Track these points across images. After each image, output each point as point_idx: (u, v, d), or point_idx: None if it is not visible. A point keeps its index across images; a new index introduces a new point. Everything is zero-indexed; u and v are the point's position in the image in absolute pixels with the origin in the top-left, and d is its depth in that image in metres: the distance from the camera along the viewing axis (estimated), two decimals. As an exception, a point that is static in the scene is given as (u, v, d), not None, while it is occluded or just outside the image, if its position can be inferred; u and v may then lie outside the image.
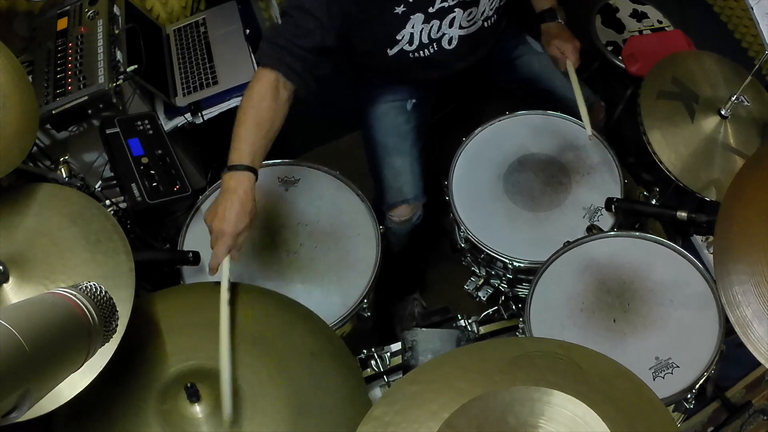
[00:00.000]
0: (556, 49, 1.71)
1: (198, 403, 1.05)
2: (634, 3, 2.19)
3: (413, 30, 1.53)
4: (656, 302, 1.31)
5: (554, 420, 0.81)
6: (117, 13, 1.93)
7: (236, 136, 1.30)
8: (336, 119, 2.32)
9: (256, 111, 1.31)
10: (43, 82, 1.75)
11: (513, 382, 0.85)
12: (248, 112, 1.31)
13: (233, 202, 1.24)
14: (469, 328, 1.47)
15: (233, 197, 1.24)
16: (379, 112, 1.72)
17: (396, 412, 0.85)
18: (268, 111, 1.32)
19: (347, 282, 1.43)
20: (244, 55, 2.03)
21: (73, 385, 1.00)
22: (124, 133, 1.58)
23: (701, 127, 1.46)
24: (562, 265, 1.40)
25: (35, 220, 1.18)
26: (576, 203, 1.55)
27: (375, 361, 1.42)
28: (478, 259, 1.62)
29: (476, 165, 1.64)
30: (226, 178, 1.27)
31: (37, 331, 0.66)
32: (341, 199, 1.55)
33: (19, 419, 0.64)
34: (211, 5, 2.21)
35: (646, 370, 1.23)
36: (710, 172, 1.43)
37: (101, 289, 0.79)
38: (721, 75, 1.54)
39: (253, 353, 1.14)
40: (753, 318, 0.95)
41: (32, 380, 0.64)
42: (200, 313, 1.22)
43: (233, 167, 1.27)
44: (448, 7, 1.52)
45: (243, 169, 1.27)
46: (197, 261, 1.39)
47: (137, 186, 1.49)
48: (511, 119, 1.70)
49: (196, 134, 2.02)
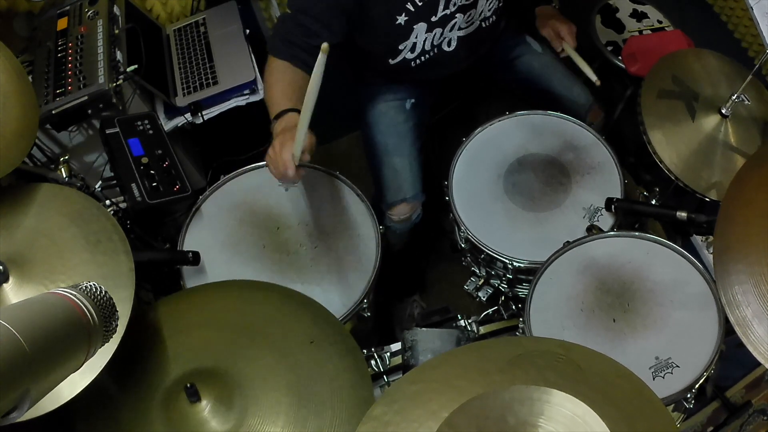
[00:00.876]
0: (550, 30, 1.71)
1: (199, 403, 1.05)
2: (634, 3, 2.19)
3: (416, 40, 1.54)
4: (656, 302, 1.31)
5: (554, 419, 0.81)
6: (117, 13, 1.93)
7: (272, 95, 1.37)
8: (336, 119, 2.31)
9: (286, 74, 1.38)
10: (43, 82, 1.75)
11: (513, 382, 0.85)
12: (278, 77, 1.38)
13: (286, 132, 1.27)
14: (469, 328, 1.47)
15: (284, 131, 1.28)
16: (378, 111, 1.72)
17: (396, 412, 0.85)
18: (298, 73, 1.38)
19: (347, 282, 1.43)
20: (244, 55, 2.03)
21: (73, 385, 1.00)
22: (124, 133, 1.58)
23: (702, 126, 1.46)
24: (562, 265, 1.40)
25: (35, 220, 1.18)
26: (576, 203, 1.55)
27: (375, 361, 1.42)
28: (478, 259, 1.62)
29: (476, 165, 1.64)
30: (275, 126, 1.31)
31: (37, 331, 0.66)
32: (341, 199, 1.55)
33: (18, 419, 0.64)
34: (211, 5, 2.21)
35: (645, 369, 1.23)
36: (710, 172, 1.43)
37: (101, 289, 0.79)
38: (721, 74, 1.54)
39: (253, 346, 1.14)
40: (753, 318, 0.95)
41: (32, 380, 0.64)
42: (203, 314, 1.22)
43: (277, 116, 1.32)
44: (450, 14, 1.52)
45: (286, 112, 1.32)
46: (197, 261, 1.39)
47: (137, 186, 1.49)
48: (511, 119, 1.70)
49: (196, 134, 2.02)
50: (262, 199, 1.53)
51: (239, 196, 1.54)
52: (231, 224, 1.50)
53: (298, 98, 1.33)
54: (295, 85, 1.37)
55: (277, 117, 1.33)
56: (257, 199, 1.53)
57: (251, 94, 1.96)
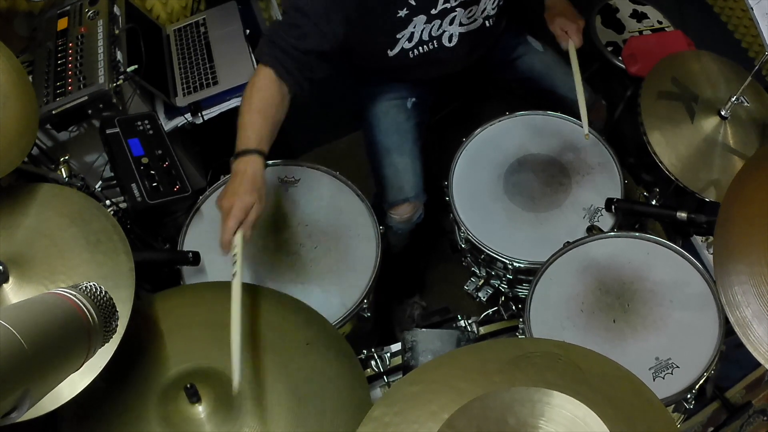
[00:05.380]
0: (559, 28, 1.68)
1: (199, 404, 1.05)
2: (634, 3, 2.19)
3: (414, 30, 1.54)
4: (656, 303, 1.31)
5: (554, 421, 0.81)
6: (117, 13, 1.93)
7: (241, 125, 1.32)
8: (336, 119, 2.32)
9: (259, 100, 1.33)
10: (43, 82, 1.75)
11: (513, 383, 0.85)
12: (251, 102, 1.33)
13: (241, 180, 1.25)
14: (469, 329, 1.47)
15: (242, 177, 1.26)
16: (379, 110, 1.72)
17: (396, 413, 0.85)
18: (270, 99, 1.34)
19: (347, 282, 1.43)
20: (244, 55, 2.03)
21: (73, 385, 1.00)
22: (124, 133, 1.58)
23: (701, 128, 1.46)
24: (562, 265, 1.40)
25: (35, 220, 1.18)
26: (576, 203, 1.55)
27: (375, 361, 1.42)
28: (478, 260, 1.62)
29: (476, 165, 1.64)
30: (235, 164, 1.28)
31: (37, 331, 0.66)
32: (341, 199, 1.55)
33: (18, 419, 0.64)
34: (211, 5, 2.21)
35: (645, 370, 1.23)
36: (710, 173, 1.43)
37: (101, 289, 0.79)
38: (721, 75, 1.54)
39: (249, 350, 1.14)
40: (753, 318, 0.95)
41: (32, 380, 0.64)
42: (200, 314, 1.22)
43: (240, 153, 1.29)
44: (450, 7, 1.52)
45: (250, 153, 1.28)
46: (197, 261, 1.39)
47: (137, 186, 1.49)
48: (511, 119, 1.70)
49: (196, 134, 2.02)
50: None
51: (239, 197, 1.54)
52: (231, 224, 1.50)
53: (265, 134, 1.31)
54: (266, 113, 1.33)
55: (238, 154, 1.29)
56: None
57: (251, 94, 1.95)
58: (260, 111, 1.32)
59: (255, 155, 1.28)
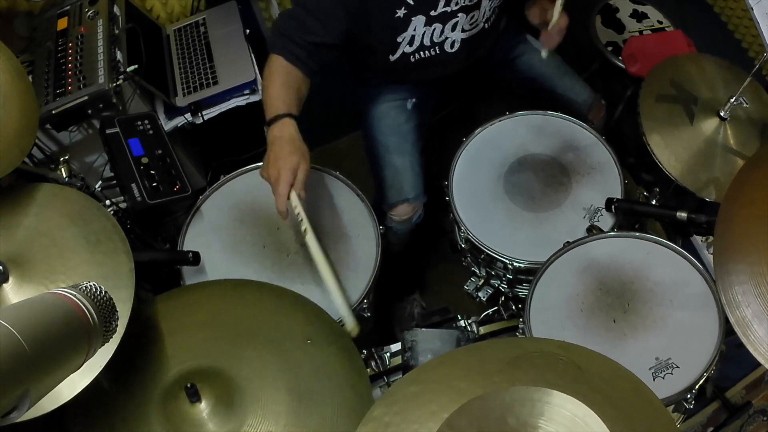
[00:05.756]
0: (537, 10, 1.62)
1: (199, 403, 1.05)
2: (634, 3, 2.19)
3: (415, 32, 1.53)
4: (656, 303, 1.31)
5: (554, 420, 0.81)
6: (117, 13, 1.93)
7: (266, 99, 1.36)
8: (336, 119, 2.31)
9: (279, 75, 1.38)
10: (43, 82, 1.75)
11: (513, 383, 0.85)
12: (272, 79, 1.37)
13: (281, 144, 1.28)
14: (469, 329, 1.47)
15: (280, 141, 1.28)
16: (379, 111, 1.72)
17: (396, 413, 0.85)
18: (290, 75, 1.38)
19: (347, 282, 1.43)
20: (244, 55, 2.03)
21: (73, 385, 1.00)
22: (124, 133, 1.58)
23: (701, 129, 1.46)
24: (562, 265, 1.40)
25: (35, 220, 1.18)
26: (576, 203, 1.55)
27: (375, 361, 1.42)
28: (478, 260, 1.62)
29: (476, 165, 1.64)
30: (269, 132, 1.31)
31: (37, 331, 0.66)
32: (341, 199, 1.55)
33: (18, 419, 0.64)
34: (211, 5, 2.21)
35: (645, 370, 1.23)
36: (710, 174, 1.43)
37: (101, 289, 0.79)
38: (719, 77, 1.54)
39: (251, 347, 1.14)
40: (753, 318, 0.95)
41: (32, 380, 0.64)
42: (200, 314, 1.22)
43: (272, 120, 1.32)
44: (451, 11, 1.52)
45: (281, 117, 1.31)
46: (197, 261, 1.39)
47: (137, 186, 1.48)
48: (511, 119, 1.70)
49: (196, 134, 2.02)
50: (262, 199, 1.52)
51: (239, 196, 1.54)
52: (231, 224, 1.50)
53: (292, 100, 1.35)
54: (289, 85, 1.37)
55: (270, 122, 1.33)
56: (257, 199, 1.53)
57: (251, 94, 1.96)
58: (283, 84, 1.37)
59: (287, 118, 1.31)
